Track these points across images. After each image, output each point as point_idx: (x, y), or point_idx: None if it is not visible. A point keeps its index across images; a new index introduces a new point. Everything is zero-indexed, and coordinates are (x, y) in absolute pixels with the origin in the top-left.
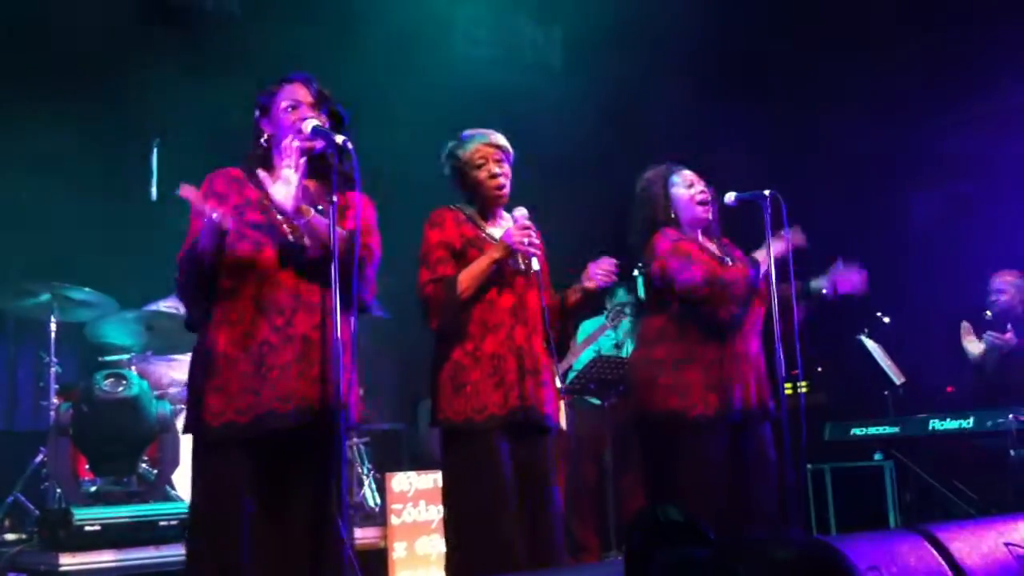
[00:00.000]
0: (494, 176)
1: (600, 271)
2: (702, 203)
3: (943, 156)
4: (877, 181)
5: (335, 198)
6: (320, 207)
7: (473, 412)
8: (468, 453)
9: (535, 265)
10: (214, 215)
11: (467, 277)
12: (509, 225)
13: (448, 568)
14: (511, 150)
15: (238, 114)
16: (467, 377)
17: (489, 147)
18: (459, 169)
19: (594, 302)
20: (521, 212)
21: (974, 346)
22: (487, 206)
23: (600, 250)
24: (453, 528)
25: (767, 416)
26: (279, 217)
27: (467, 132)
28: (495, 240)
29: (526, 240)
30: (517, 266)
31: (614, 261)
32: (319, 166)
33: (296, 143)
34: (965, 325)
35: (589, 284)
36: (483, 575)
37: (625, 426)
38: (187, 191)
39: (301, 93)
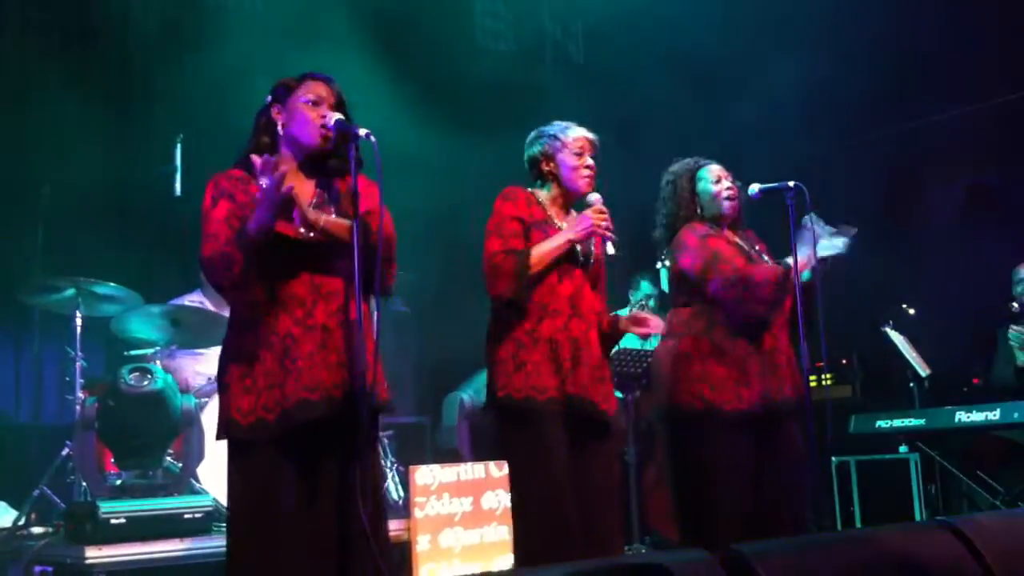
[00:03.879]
0: (589, 167)
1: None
2: (729, 199)
3: (967, 145)
4: (900, 171)
5: (358, 190)
6: (328, 199)
7: (534, 391)
8: (528, 432)
9: (611, 249)
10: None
11: (540, 252)
12: (573, 219)
13: (516, 546)
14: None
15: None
16: (528, 356)
17: (588, 141)
18: (553, 152)
19: (622, 290)
20: (596, 196)
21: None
22: (568, 197)
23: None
24: (518, 507)
25: (800, 408)
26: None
27: (559, 123)
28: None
29: (603, 224)
30: (581, 256)
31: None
32: (325, 161)
33: (317, 142)
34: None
35: (639, 330)
36: (546, 554)
37: (648, 420)
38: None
39: (324, 91)
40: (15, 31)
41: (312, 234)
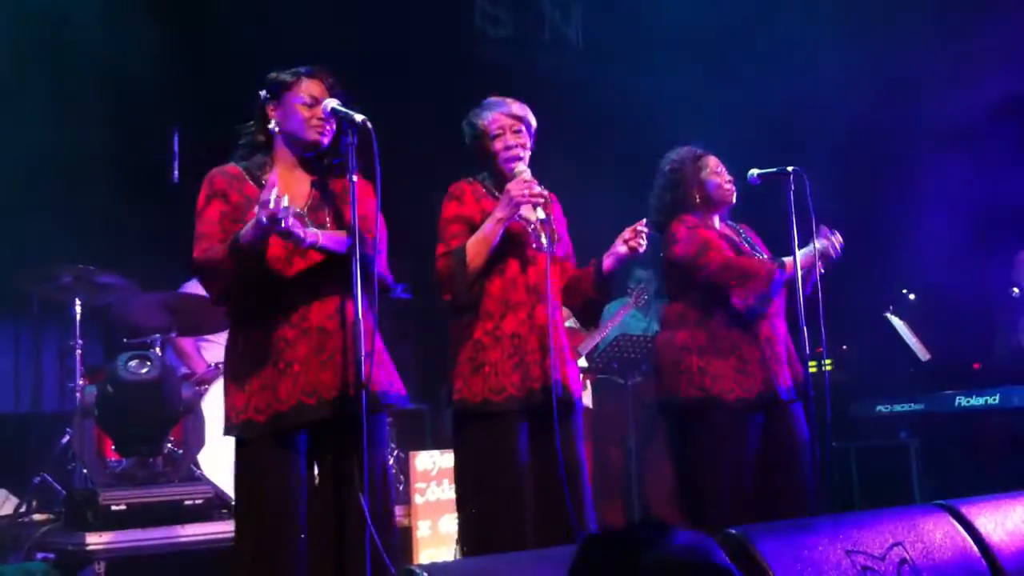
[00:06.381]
0: (509, 148)
1: (629, 235)
2: (729, 188)
3: (965, 130)
4: (901, 155)
5: (354, 179)
6: (325, 196)
7: (491, 393)
8: (484, 436)
9: (540, 214)
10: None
11: (474, 244)
12: None
13: (460, 549)
14: (532, 120)
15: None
16: (486, 357)
17: (507, 117)
18: (476, 139)
19: (619, 279)
20: (520, 167)
21: None
22: (503, 178)
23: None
24: (465, 511)
25: (801, 395)
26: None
27: (489, 99)
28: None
29: (527, 192)
30: (546, 239)
31: (643, 223)
32: (322, 156)
33: (313, 143)
34: None
35: (622, 248)
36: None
37: (649, 406)
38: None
39: (318, 89)
40: None
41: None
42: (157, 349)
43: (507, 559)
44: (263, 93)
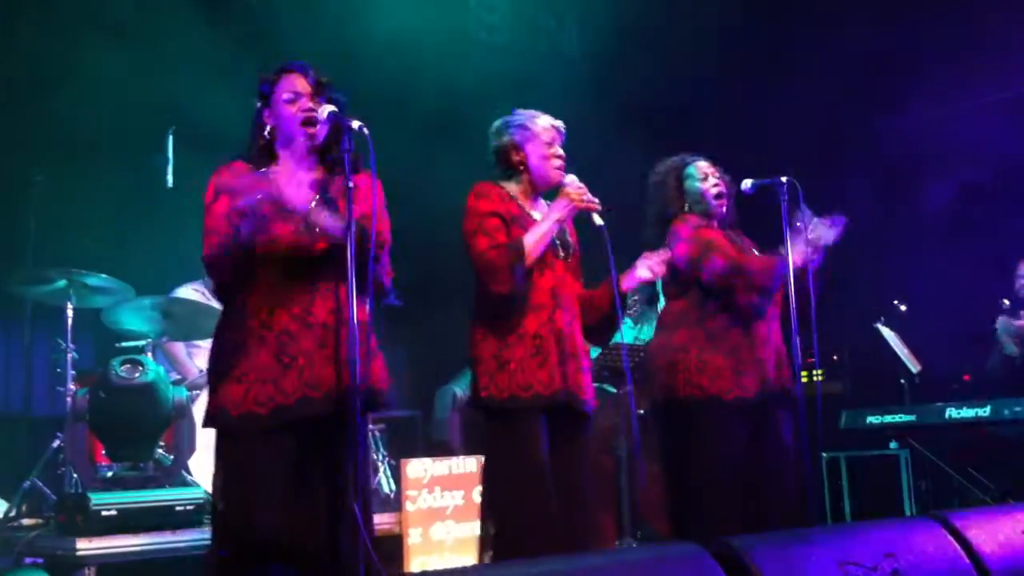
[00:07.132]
0: (560, 156)
1: (656, 263)
2: (717, 196)
3: (960, 142)
4: (892, 167)
5: (350, 184)
6: (328, 196)
7: (519, 389)
8: (512, 432)
9: (597, 220)
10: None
11: (532, 240)
12: (546, 209)
13: (485, 547)
14: None
15: (253, 101)
16: (511, 354)
17: (557, 130)
18: (523, 142)
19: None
20: (571, 176)
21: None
22: (538, 187)
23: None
24: (496, 509)
25: (787, 400)
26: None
27: (523, 111)
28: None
29: (584, 197)
30: (561, 248)
31: (666, 254)
32: (324, 153)
33: (304, 138)
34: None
35: (644, 273)
36: (528, 551)
37: (641, 415)
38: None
39: (300, 83)
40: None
41: (317, 243)
42: (148, 354)
43: (503, 569)
44: (257, 103)
